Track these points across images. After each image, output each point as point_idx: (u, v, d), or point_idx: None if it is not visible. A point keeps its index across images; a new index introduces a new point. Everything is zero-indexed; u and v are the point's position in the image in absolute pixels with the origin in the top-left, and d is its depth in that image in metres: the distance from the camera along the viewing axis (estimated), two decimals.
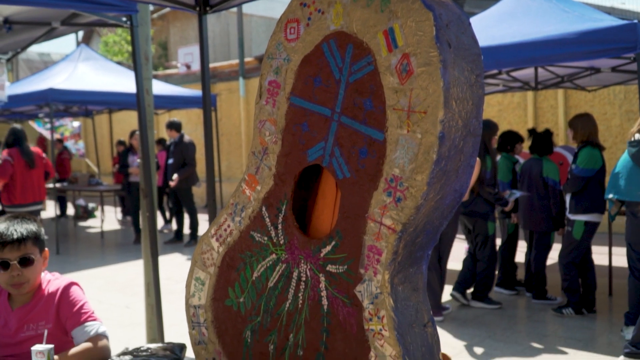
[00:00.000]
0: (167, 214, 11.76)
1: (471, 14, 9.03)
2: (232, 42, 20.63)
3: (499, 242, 6.43)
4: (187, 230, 10.21)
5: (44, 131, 13.91)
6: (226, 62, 16.37)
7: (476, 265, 5.89)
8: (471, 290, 6.04)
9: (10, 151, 7.64)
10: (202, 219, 10.72)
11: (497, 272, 6.28)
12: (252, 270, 2.01)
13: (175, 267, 8.01)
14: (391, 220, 1.70)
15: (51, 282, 2.51)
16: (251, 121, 14.59)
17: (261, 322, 1.99)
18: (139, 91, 4.03)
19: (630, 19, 6.21)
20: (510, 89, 8.44)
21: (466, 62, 1.69)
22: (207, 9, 3.63)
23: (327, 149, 1.84)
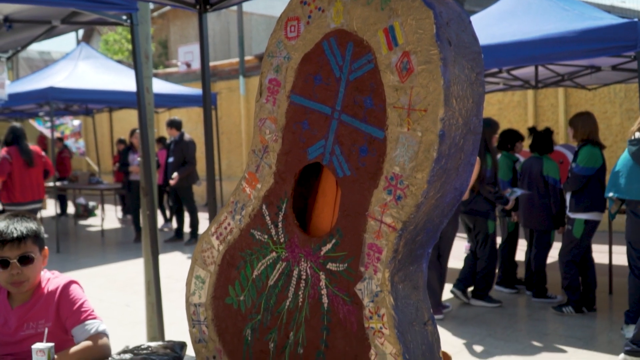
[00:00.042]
0: (167, 213, 11.76)
1: (471, 12, 9.02)
2: (232, 41, 20.64)
3: (499, 240, 6.43)
4: (187, 228, 10.22)
5: (45, 130, 13.93)
6: (226, 61, 16.38)
7: (476, 263, 5.89)
8: (472, 288, 6.04)
9: (9, 149, 7.65)
10: (203, 218, 10.72)
11: (497, 271, 6.28)
12: (253, 268, 2.01)
13: (175, 266, 8.02)
14: (391, 218, 1.70)
15: (50, 280, 2.50)
16: (251, 120, 14.59)
17: (261, 320, 1.99)
18: (139, 90, 4.03)
19: (630, 17, 6.20)
20: (510, 88, 8.44)
21: (466, 60, 1.69)
22: (208, 7, 3.63)
23: (328, 147, 1.84)
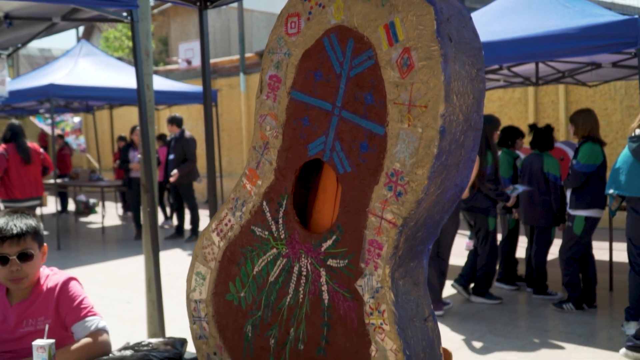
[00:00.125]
0: (168, 210, 11.76)
1: (472, 9, 9.01)
2: (232, 38, 20.64)
3: (499, 237, 6.43)
4: (188, 226, 10.22)
5: (45, 127, 13.94)
6: (227, 58, 16.37)
7: (477, 260, 5.90)
8: (472, 285, 6.04)
9: (6, 146, 7.68)
10: (203, 215, 10.72)
11: (497, 268, 6.29)
12: (253, 264, 2.01)
13: (176, 263, 8.02)
14: (392, 214, 1.70)
15: (50, 277, 2.50)
16: (252, 117, 14.59)
17: (262, 316, 1.99)
18: (140, 87, 4.02)
19: (631, 14, 6.19)
20: (511, 85, 8.43)
21: (467, 56, 1.69)
22: (208, 4, 3.63)
23: (328, 144, 1.84)
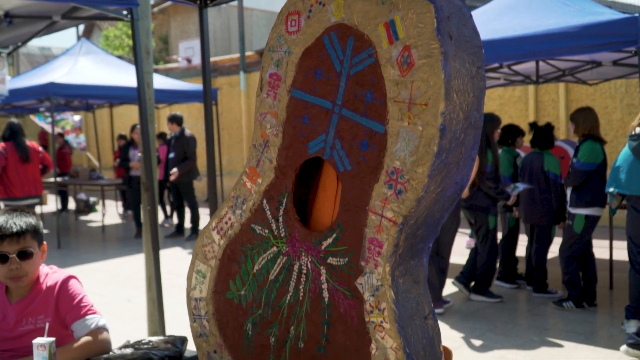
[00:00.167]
0: (168, 209, 11.76)
1: (473, 7, 9.00)
2: (232, 36, 20.62)
3: (500, 235, 6.43)
4: (188, 224, 10.22)
5: (45, 125, 13.93)
6: (227, 56, 16.36)
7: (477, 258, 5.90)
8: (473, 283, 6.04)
9: (5, 145, 7.69)
10: (203, 213, 10.72)
11: (497, 266, 6.29)
12: (253, 262, 2.01)
13: (176, 261, 8.03)
14: (392, 212, 1.70)
15: (49, 275, 2.50)
16: (252, 115, 14.58)
17: (262, 314, 1.99)
18: (140, 85, 4.02)
19: (631, 12, 6.18)
20: (511, 83, 8.43)
21: (467, 54, 1.69)
22: (208, 2, 3.63)
23: (328, 142, 1.84)
